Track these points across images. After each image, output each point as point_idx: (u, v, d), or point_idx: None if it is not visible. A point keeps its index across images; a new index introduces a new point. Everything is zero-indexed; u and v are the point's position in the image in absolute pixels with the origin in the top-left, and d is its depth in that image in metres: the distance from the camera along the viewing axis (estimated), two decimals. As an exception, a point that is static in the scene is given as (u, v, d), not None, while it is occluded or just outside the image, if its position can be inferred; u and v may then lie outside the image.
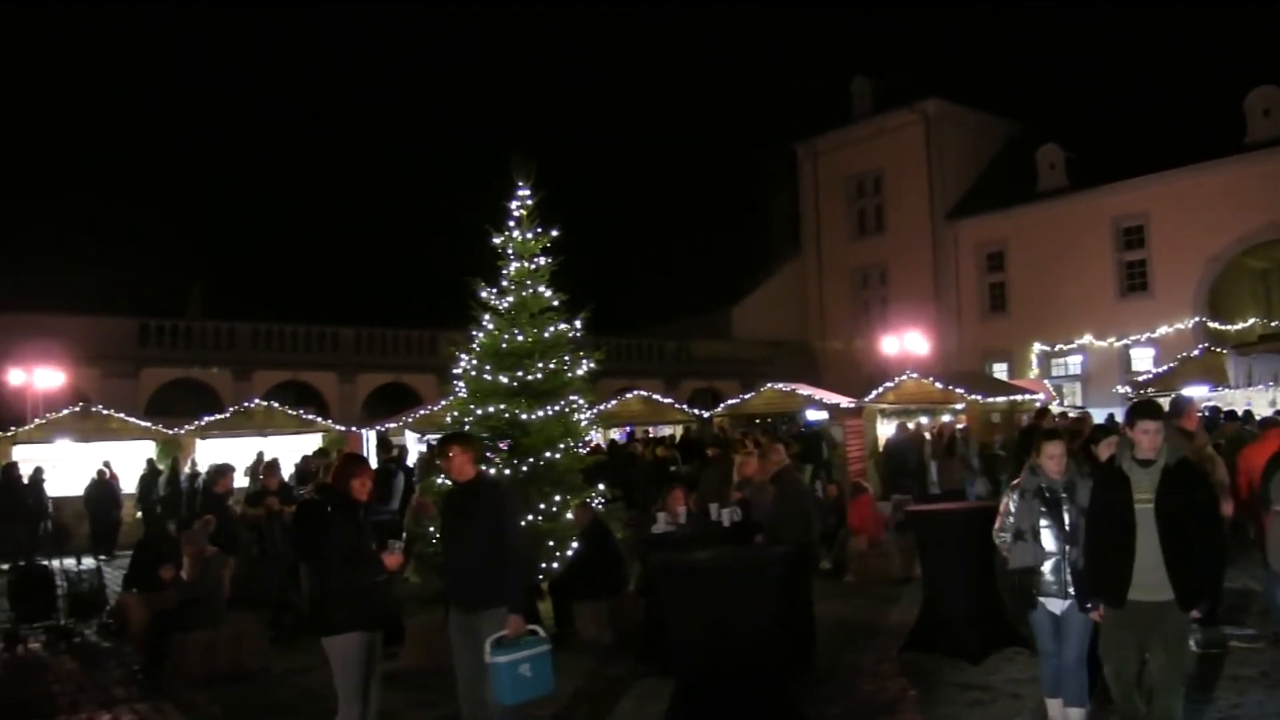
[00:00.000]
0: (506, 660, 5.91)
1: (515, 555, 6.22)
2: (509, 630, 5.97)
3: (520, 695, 5.98)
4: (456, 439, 6.60)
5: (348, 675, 6.00)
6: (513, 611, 6.03)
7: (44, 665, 10.83)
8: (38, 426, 23.24)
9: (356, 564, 6.02)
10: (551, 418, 13.04)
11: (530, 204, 13.59)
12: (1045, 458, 6.22)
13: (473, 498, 6.31)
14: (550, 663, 6.10)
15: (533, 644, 6.06)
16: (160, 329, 32.82)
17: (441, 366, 18.94)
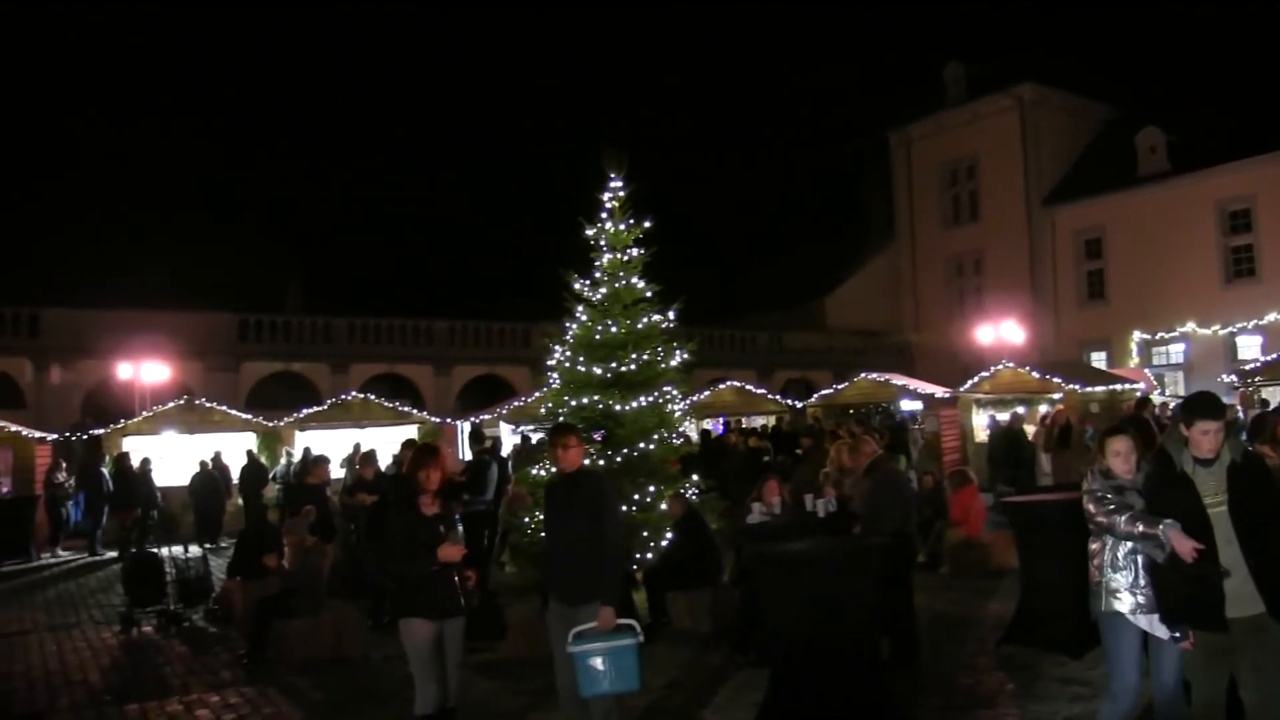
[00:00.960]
0: (581, 650, 5.85)
1: (613, 548, 6.13)
2: (599, 623, 5.90)
3: (597, 689, 5.88)
4: (566, 429, 6.54)
5: (415, 658, 6.17)
6: (604, 604, 5.96)
7: (156, 647, 11.19)
8: (145, 419, 23.93)
9: (411, 554, 6.12)
10: (645, 409, 13.03)
11: (623, 195, 13.59)
12: (1111, 455, 5.44)
13: (575, 489, 6.25)
14: (635, 658, 5.94)
15: (617, 637, 5.94)
16: (259, 324, 33.60)
17: (535, 358, 19.14)
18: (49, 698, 9.17)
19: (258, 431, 24.35)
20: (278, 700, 8.62)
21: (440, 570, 6.08)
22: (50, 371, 30.73)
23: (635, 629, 6.00)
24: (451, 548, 6.07)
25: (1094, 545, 5.41)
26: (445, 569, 6.09)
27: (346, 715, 8.06)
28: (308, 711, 8.24)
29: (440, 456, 6.45)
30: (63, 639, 11.82)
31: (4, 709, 8.93)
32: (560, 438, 6.38)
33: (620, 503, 6.44)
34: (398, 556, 6.26)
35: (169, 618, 12.10)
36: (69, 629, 12.46)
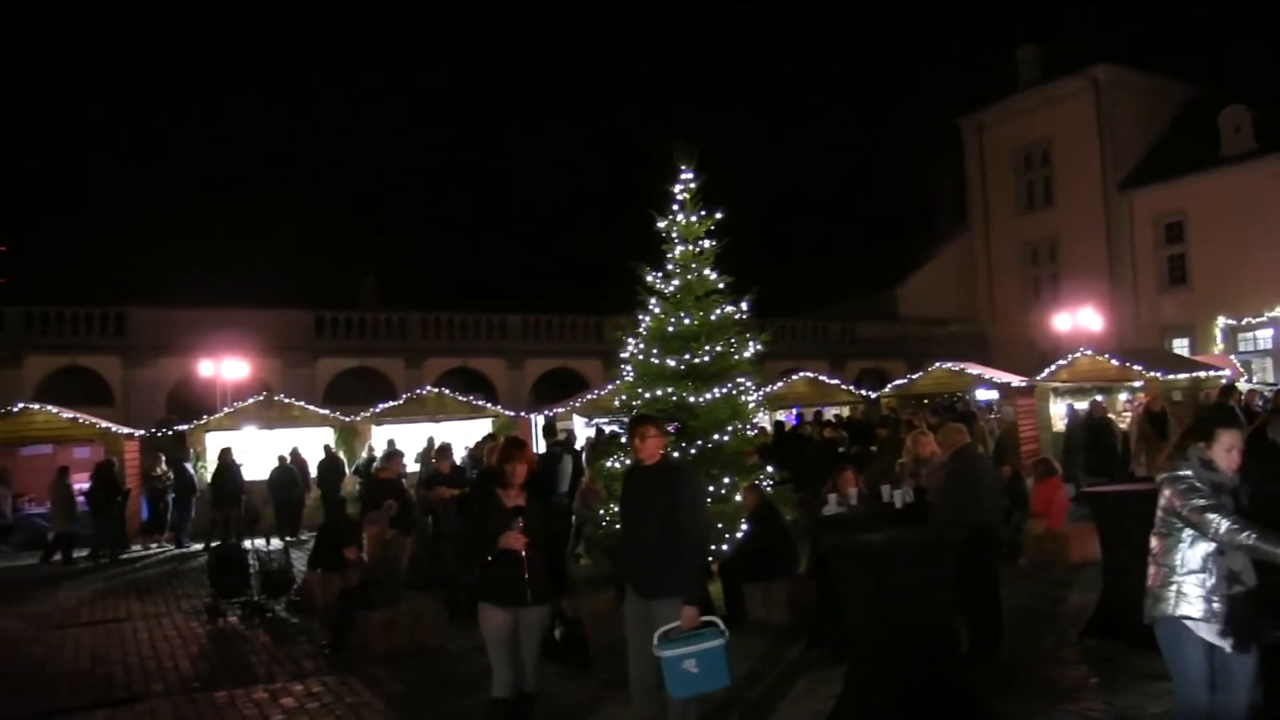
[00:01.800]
0: (673, 655, 5.79)
1: (693, 542, 6.05)
2: (683, 622, 5.84)
3: (688, 690, 5.83)
4: (647, 420, 6.47)
5: (489, 643, 6.23)
6: (687, 603, 5.89)
7: (241, 637, 11.46)
8: (227, 415, 24.39)
9: (487, 543, 6.19)
10: (719, 400, 13.04)
11: (693, 187, 13.59)
12: (1222, 449, 4.81)
13: (655, 480, 6.20)
14: (723, 656, 5.87)
15: (704, 637, 5.85)
16: (335, 320, 34.13)
17: (607, 351, 19.17)
18: (144, 682, 9.48)
19: (335, 426, 24.69)
20: (359, 689, 8.77)
21: (512, 559, 6.11)
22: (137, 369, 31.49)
23: (719, 626, 5.93)
24: (510, 536, 6.07)
25: (1159, 541, 4.93)
26: (515, 560, 6.12)
27: (426, 704, 8.17)
28: (388, 701, 8.37)
29: (526, 450, 6.49)
30: (154, 627, 12.18)
31: (105, 691, 9.24)
32: (639, 428, 6.33)
33: (704, 496, 6.35)
34: (475, 545, 6.35)
35: (253, 608, 12.38)
36: (159, 618, 12.82)
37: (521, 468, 6.29)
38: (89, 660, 10.57)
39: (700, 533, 6.10)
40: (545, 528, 6.30)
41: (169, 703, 8.69)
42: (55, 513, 19.91)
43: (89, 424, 23.31)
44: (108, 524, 19.81)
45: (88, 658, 10.70)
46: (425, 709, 8.02)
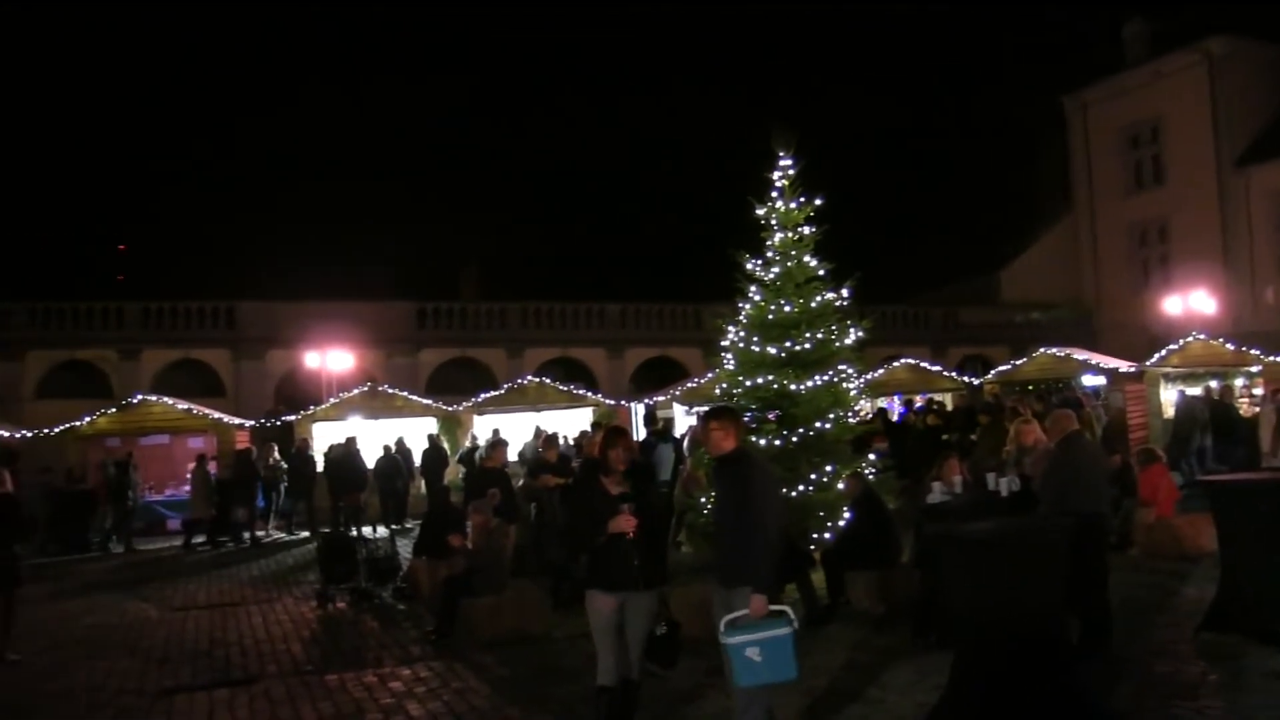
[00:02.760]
0: (734, 642, 5.78)
1: (761, 532, 5.97)
2: (751, 611, 5.82)
3: (752, 679, 5.79)
4: (713, 414, 6.52)
5: (595, 629, 6.28)
6: (755, 591, 5.86)
7: (350, 622, 11.74)
8: (332, 405, 24.90)
9: (592, 529, 6.24)
10: (820, 387, 12.97)
11: (792, 173, 13.52)
12: None
13: (727, 471, 6.26)
14: (790, 648, 5.78)
15: (771, 626, 5.79)
16: (436, 311, 34.61)
17: (707, 339, 19.10)
18: (259, 664, 9.78)
19: (438, 416, 25.03)
20: (465, 675, 8.91)
21: (621, 545, 6.15)
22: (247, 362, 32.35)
23: (789, 616, 5.86)
24: (620, 519, 6.10)
25: None
26: (624, 545, 6.16)
27: (531, 691, 8.26)
28: (494, 687, 8.49)
29: (628, 438, 6.54)
30: (267, 611, 12.54)
31: (223, 672, 9.57)
32: (706, 422, 6.44)
33: (773, 485, 6.27)
34: (580, 532, 6.44)
35: (360, 594, 12.65)
36: (271, 602, 13.20)
37: (623, 455, 6.34)
38: (208, 642, 10.93)
39: (769, 523, 6.00)
40: (651, 514, 6.33)
41: (283, 684, 8.94)
42: (195, 499, 20.56)
43: (202, 415, 24.04)
44: (244, 510, 20.39)
45: (206, 639, 11.06)
46: (530, 695, 8.11)
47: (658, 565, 6.30)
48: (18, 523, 10.94)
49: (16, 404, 30.09)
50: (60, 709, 8.60)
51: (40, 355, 31.43)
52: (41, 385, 31.44)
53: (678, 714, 7.13)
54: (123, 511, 20.78)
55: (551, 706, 7.71)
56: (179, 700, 8.59)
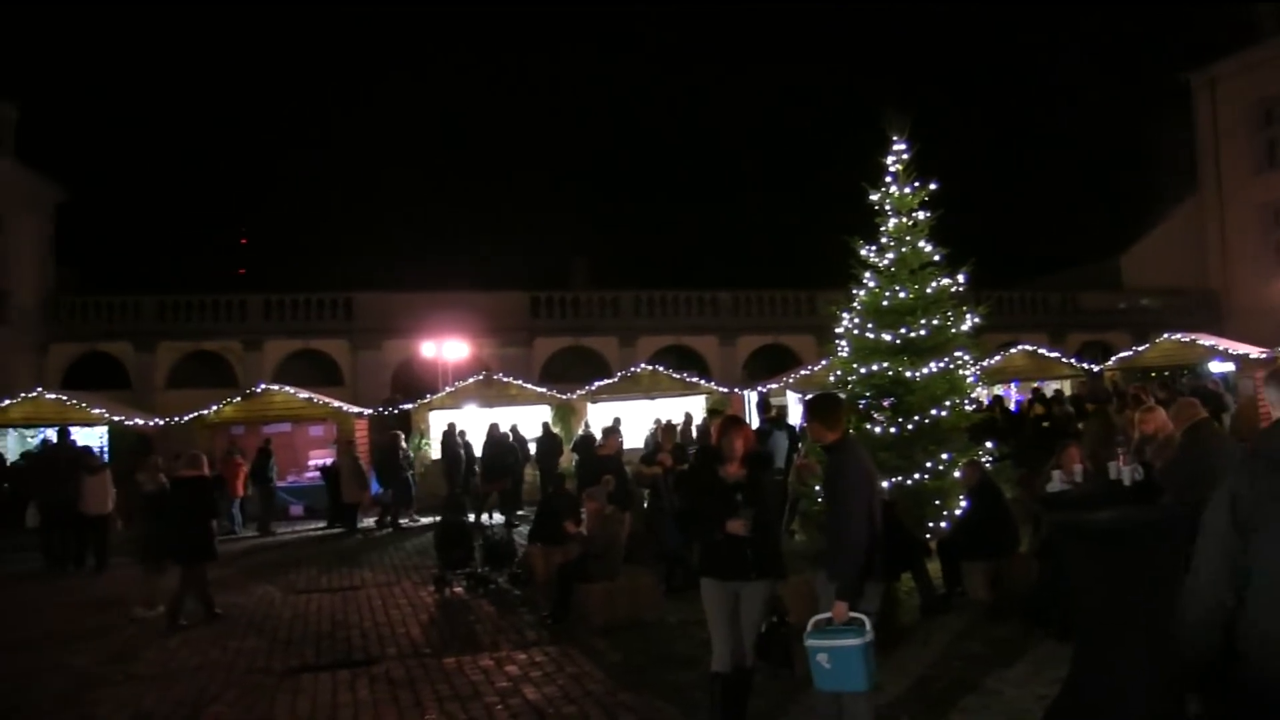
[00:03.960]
0: (810, 645, 5.73)
1: (848, 531, 5.86)
2: (833, 615, 5.75)
3: (823, 683, 5.74)
4: (810, 404, 6.49)
5: (710, 616, 6.30)
6: (838, 596, 5.77)
7: (467, 607, 11.94)
8: (448, 394, 25.34)
9: (707, 517, 6.25)
10: (936, 375, 12.78)
11: (906, 158, 13.33)
12: None
13: (828, 463, 6.23)
14: (863, 658, 5.63)
15: (844, 635, 5.68)
16: (550, 301, 34.94)
17: (820, 326, 18.98)
18: (379, 646, 10.01)
19: (552, 404, 25.28)
20: (579, 660, 9.00)
21: (731, 536, 6.14)
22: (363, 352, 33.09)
23: (865, 627, 5.70)
24: (735, 522, 6.09)
25: None
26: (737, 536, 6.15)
27: (646, 676, 8.30)
28: (608, 671, 8.55)
29: (746, 427, 6.54)
30: (386, 596, 12.81)
31: (345, 653, 9.83)
32: (807, 411, 6.38)
33: (868, 481, 6.07)
34: (695, 520, 6.46)
35: (477, 580, 12.84)
36: (390, 587, 13.48)
37: (739, 443, 6.34)
38: (330, 624, 11.22)
39: (858, 521, 5.86)
40: (766, 503, 6.30)
41: (402, 665, 9.13)
42: (346, 483, 21.13)
43: (322, 404, 24.67)
44: (396, 494, 20.84)
45: (329, 622, 11.36)
46: (645, 680, 8.15)
47: (771, 555, 6.26)
48: (212, 502, 12.37)
49: (149, 393, 31.33)
50: (197, 681, 8.93)
51: (170, 346, 32.66)
52: (171, 375, 32.66)
53: (793, 702, 7.09)
54: (267, 496, 21.41)
55: (666, 692, 7.74)
56: (304, 679, 8.83)
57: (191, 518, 11.66)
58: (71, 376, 31.55)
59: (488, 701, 7.85)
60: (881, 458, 12.57)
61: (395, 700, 8.03)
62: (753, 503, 6.18)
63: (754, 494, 6.21)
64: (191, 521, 11.62)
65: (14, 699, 8.65)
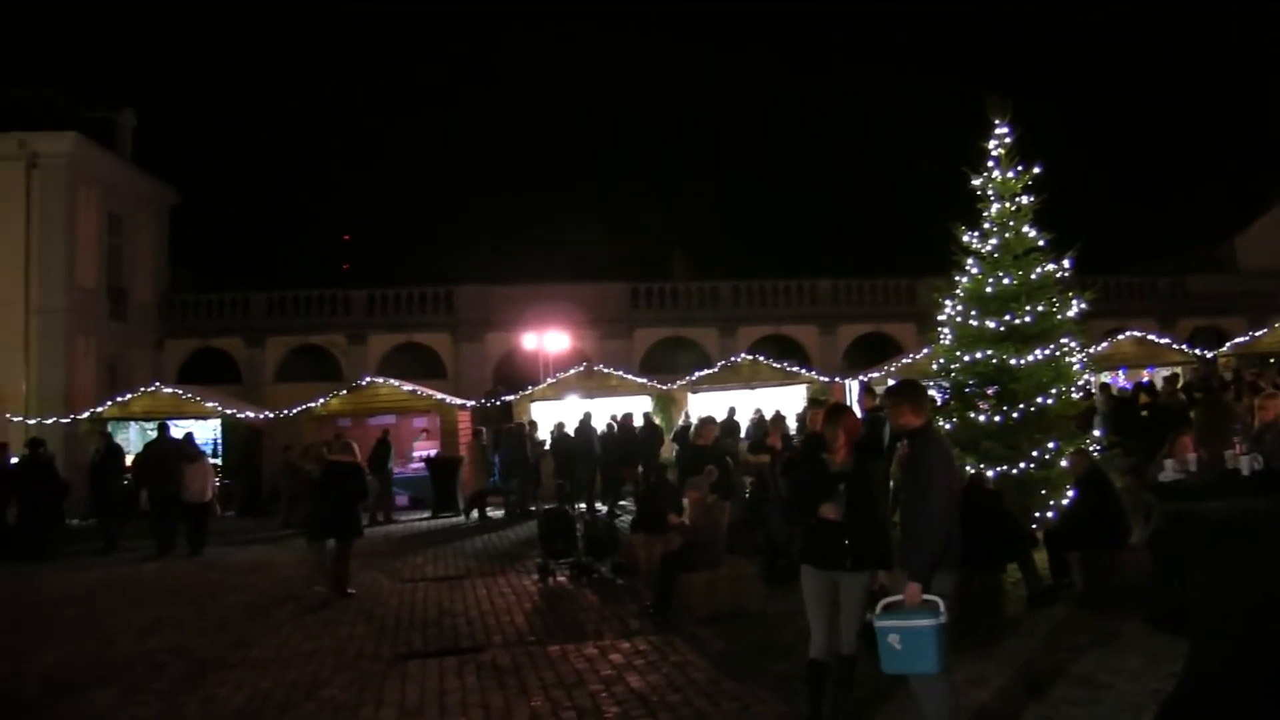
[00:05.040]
0: (880, 626, 5.68)
1: (927, 516, 5.83)
2: (905, 598, 5.71)
3: (892, 666, 5.68)
4: (893, 389, 6.45)
5: (808, 605, 6.35)
6: (911, 578, 5.73)
7: (570, 596, 12.05)
8: (550, 385, 25.56)
9: (809, 505, 6.28)
10: (1041, 362, 12.57)
11: (1009, 142, 13.13)
12: None
13: (909, 450, 6.12)
14: (934, 642, 5.58)
15: (917, 616, 5.63)
16: (649, 292, 35.02)
17: (921, 314, 18.77)
18: (484, 634, 10.17)
19: (652, 395, 25.35)
20: (683, 649, 9.03)
21: (829, 523, 6.16)
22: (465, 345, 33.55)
23: (939, 609, 5.65)
24: (828, 506, 6.12)
25: None
26: (835, 524, 6.15)
27: (748, 665, 8.32)
28: (712, 660, 8.58)
29: (849, 415, 6.51)
30: (490, 585, 13.00)
31: (451, 640, 10.01)
32: (890, 397, 6.35)
33: (944, 470, 6.00)
34: (797, 509, 6.47)
35: (580, 569, 12.96)
36: (495, 576, 13.67)
37: (844, 432, 6.32)
38: (436, 612, 11.42)
39: (932, 509, 5.81)
40: (869, 492, 6.26)
41: (508, 653, 9.26)
42: (475, 472, 21.58)
43: (425, 396, 25.09)
44: (520, 483, 21.10)
45: (435, 609, 11.56)
46: (748, 670, 8.16)
47: (873, 545, 6.21)
48: (362, 485, 13.54)
49: (259, 387, 32.21)
50: (310, 666, 9.18)
51: (278, 341, 33.52)
52: (280, 369, 33.52)
53: (895, 691, 7.05)
54: (385, 486, 21.82)
55: (768, 681, 7.74)
56: (412, 666, 9.01)
57: (344, 499, 12.72)
58: (186, 371, 32.59)
59: (592, 689, 7.94)
60: (985, 446, 12.44)
61: (501, 687, 8.15)
62: (855, 491, 6.18)
63: (858, 482, 6.20)
64: (344, 502, 12.69)
65: (143, 679, 8.98)
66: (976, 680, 7.31)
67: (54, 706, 8.31)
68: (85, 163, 29.95)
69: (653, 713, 7.24)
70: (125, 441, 23.36)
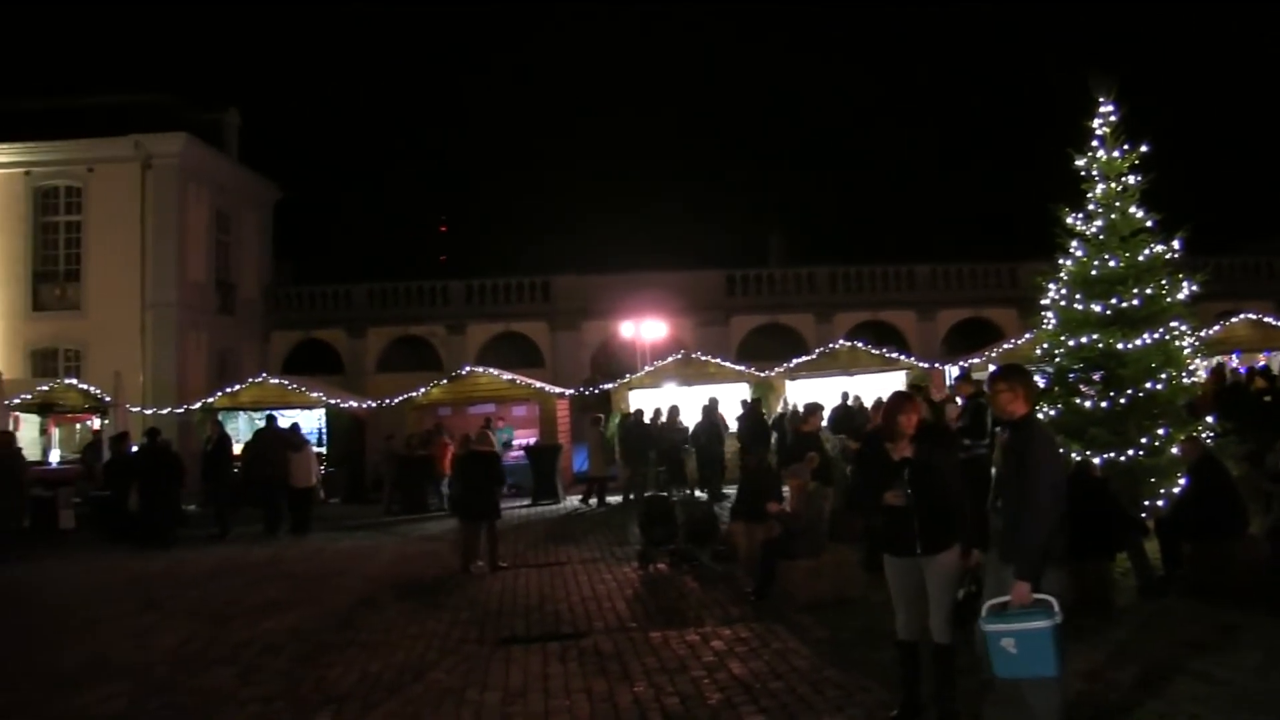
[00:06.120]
0: (992, 630, 5.53)
1: (1033, 511, 5.64)
2: (1013, 598, 5.56)
3: (1008, 670, 5.54)
4: (1001, 373, 6.24)
5: (890, 589, 6.41)
6: (1019, 577, 5.58)
7: (670, 582, 12.08)
8: (648, 373, 25.62)
9: (869, 495, 6.31)
10: (1150, 346, 12.25)
11: (1114, 120, 12.81)
12: None
13: (1010, 438, 6.00)
14: (1050, 643, 5.43)
15: (1031, 617, 5.47)
16: (745, 278, 34.95)
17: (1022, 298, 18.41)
18: (586, 620, 10.26)
19: (750, 382, 25.25)
20: (784, 636, 9.01)
21: (897, 511, 6.15)
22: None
23: (1053, 609, 5.50)
24: (891, 493, 6.13)
25: None
26: (903, 511, 6.14)
27: (851, 653, 8.26)
28: (813, 648, 8.53)
29: (915, 403, 6.45)
30: (591, 571, 13.10)
31: (554, 625, 10.11)
32: (994, 382, 6.17)
33: (1052, 461, 5.81)
34: (863, 498, 6.58)
35: (680, 556, 12.98)
36: (595, 562, 13.76)
37: (907, 420, 6.27)
38: (538, 598, 11.54)
39: (1044, 502, 5.64)
40: (937, 479, 6.16)
41: (610, 638, 9.33)
42: (593, 460, 21.83)
43: (524, 384, 25.33)
44: (636, 471, 21.13)
45: (536, 596, 11.69)
46: (850, 658, 8.11)
47: (948, 528, 6.10)
48: (500, 472, 14.56)
49: (361, 377, 32.90)
50: (416, 649, 9.35)
51: (379, 332, 34.22)
52: (381, 359, 34.16)
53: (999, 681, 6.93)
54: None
55: (872, 670, 7.68)
56: (515, 650, 9.11)
57: (487, 484, 13.89)
58: (291, 362, 33.46)
59: (694, 675, 7.95)
60: (1092, 433, 12.18)
61: (604, 672, 8.21)
62: (921, 479, 6.15)
63: (923, 470, 6.17)
64: (487, 487, 13.86)
65: (258, 660, 9.24)
66: (1088, 674, 7.15)
67: (183, 683, 8.59)
68: (195, 162, 30.90)
69: (755, 699, 7.22)
70: (234, 431, 23.99)
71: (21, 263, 30.28)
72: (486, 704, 7.57)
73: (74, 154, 30.06)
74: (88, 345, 29.79)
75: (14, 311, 30.09)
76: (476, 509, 13.73)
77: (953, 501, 6.15)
